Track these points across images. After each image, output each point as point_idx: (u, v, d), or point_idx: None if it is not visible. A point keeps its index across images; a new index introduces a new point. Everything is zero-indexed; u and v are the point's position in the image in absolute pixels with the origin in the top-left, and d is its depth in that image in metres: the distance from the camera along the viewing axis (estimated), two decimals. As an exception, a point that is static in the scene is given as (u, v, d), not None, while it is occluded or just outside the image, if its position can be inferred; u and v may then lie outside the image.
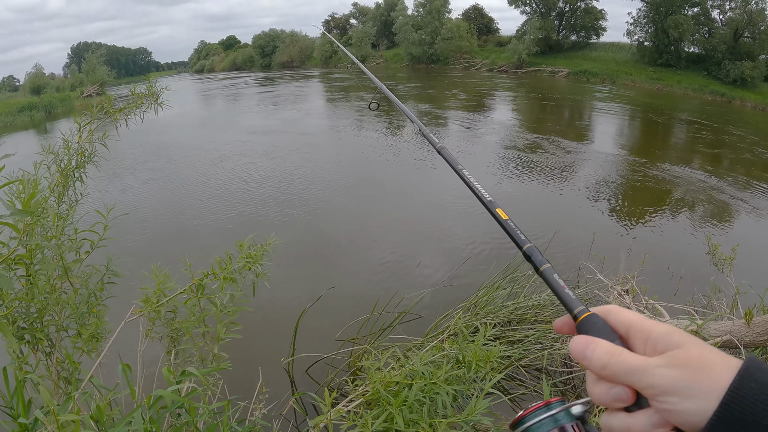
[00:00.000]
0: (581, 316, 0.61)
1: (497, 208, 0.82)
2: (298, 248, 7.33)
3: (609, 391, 0.54)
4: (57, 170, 2.50)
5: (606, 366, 0.54)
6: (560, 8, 45.23)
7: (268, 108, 26.28)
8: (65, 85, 41.57)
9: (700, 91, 31.51)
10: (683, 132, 18.82)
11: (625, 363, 0.53)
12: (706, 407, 0.47)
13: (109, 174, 12.06)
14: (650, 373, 0.51)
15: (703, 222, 8.69)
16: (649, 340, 0.55)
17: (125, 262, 2.44)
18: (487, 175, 11.30)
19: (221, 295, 2.03)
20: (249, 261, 2.08)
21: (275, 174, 11.57)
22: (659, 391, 0.50)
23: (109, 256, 2.31)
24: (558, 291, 0.65)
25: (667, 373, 0.50)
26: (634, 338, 0.57)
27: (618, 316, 0.59)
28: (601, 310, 0.61)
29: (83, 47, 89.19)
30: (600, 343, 0.56)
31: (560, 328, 0.64)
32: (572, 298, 0.63)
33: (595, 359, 0.55)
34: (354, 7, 68.67)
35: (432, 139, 1.17)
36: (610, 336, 0.58)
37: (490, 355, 2.05)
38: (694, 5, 36.00)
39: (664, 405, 0.50)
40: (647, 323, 0.56)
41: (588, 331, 0.59)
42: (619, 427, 0.54)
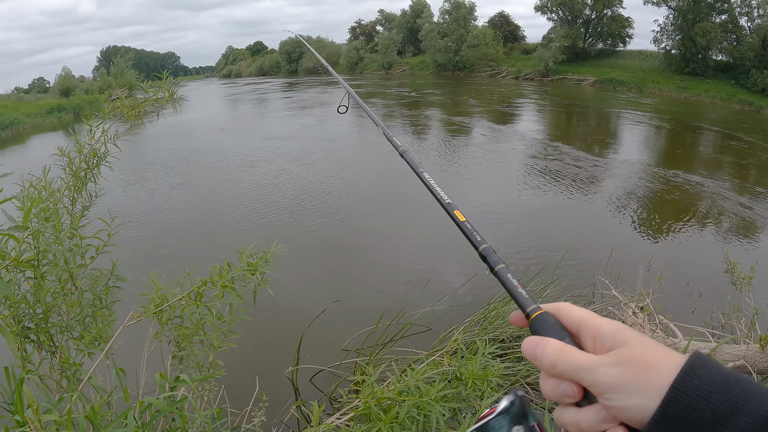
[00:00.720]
0: (533, 314, 0.63)
1: (455, 210, 0.86)
2: (315, 254, 7.38)
3: (557, 387, 0.56)
4: (69, 172, 2.52)
5: (555, 365, 0.56)
6: (587, 15, 44.78)
7: (293, 113, 26.54)
8: (94, 87, 42.46)
9: (728, 100, 30.76)
10: (710, 142, 18.41)
11: (573, 361, 0.55)
12: (649, 404, 0.49)
13: (137, 177, 12.33)
14: (595, 371, 0.53)
15: (725, 238, 8.46)
16: (597, 337, 0.56)
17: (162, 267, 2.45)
18: (508, 184, 11.22)
19: (218, 303, 2.03)
20: (250, 269, 2.07)
21: (300, 180, 11.72)
22: (604, 388, 0.52)
23: (114, 261, 2.34)
24: (511, 290, 0.67)
25: (611, 371, 0.52)
26: (584, 336, 0.58)
27: (569, 314, 0.61)
28: (552, 307, 0.63)
29: (112, 51, 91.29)
30: (549, 343, 0.58)
31: (515, 321, 0.66)
32: (525, 297, 0.65)
33: (545, 358, 0.57)
34: (380, 14, 69.00)
35: (395, 143, 1.20)
36: (560, 334, 0.59)
37: (487, 373, 2.01)
38: (722, 12, 35.26)
39: (609, 402, 0.51)
40: (596, 321, 0.58)
41: (539, 328, 0.61)
42: (569, 420, 0.56)
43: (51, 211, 2.22)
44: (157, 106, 2.71)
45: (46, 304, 2.19)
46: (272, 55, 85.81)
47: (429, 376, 2.11)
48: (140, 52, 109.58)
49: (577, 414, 0.55)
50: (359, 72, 61.15)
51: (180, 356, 2.33)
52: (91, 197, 2.62)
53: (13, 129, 26.26)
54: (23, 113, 29.03)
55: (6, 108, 29.65)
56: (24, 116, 28.53)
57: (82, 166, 2.53)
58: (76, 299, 2.29)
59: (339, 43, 74.27)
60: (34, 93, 46.76)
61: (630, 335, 0.54)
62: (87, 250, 2.38)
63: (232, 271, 2.11)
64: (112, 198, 10.38)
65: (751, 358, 3.81)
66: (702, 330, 4.62)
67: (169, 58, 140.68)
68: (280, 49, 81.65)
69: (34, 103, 33.61)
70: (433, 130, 19.35)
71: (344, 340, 4.75)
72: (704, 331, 4.60)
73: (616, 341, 0.54)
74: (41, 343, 2.28)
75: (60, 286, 2.30)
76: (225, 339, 2.13)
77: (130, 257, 6.99)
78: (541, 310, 0.62)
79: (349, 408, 2.18)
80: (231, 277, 2.09)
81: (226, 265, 2.13)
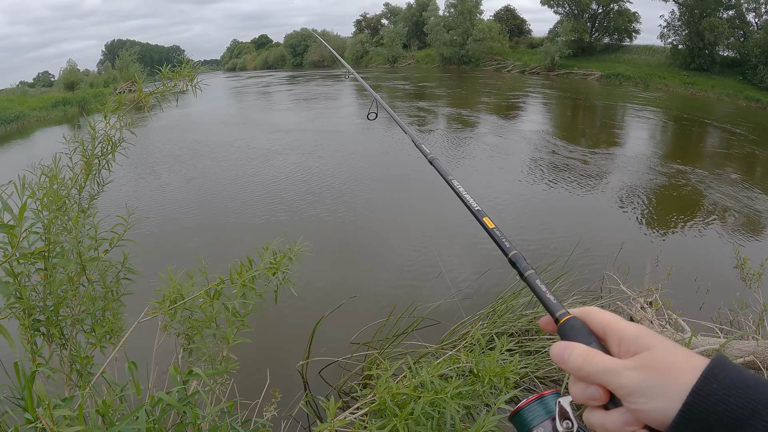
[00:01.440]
0: (562, 319, 0.65)
1: (484, 217, 0.89)
2: (327, 247, 7.37)
3: (585, 390, 0.58)
4: (82, 158, 2.47)
5: (581, 368, 0.58)
6: (593, 10, 44.46)
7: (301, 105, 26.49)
8: (99, 81, 42.48)
9: (735, 97, 30.45)
10: (717, 139, 18.28)
11: (598, 365, 0.57)
12: (670, 407, 0.50)
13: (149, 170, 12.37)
14: (619, 375, 0.54)
15: (734, 234, 8.39)
16: (622, 341, 0.58)
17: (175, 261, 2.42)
18: (516, 178, 11.17)
19: (237, 302, 2.00)
20: (273, 267, 2.05)
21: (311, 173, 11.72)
22: (628, 391, 0.53)
23: (126, 253, 2.32)
24: (540, 295, 0.69)
25: (634, 375, 0.53)
26: (610, 340, 0.60)
27: (596, 318, 0.63)
28: (580, 312, 0.65)
29: (117, 44, 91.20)
30: (576, 347, 0.60)
31: (544, 326, 0.68)
32: (553, 302, 0.67)
33: (572, 362, 0.59)
34: (385, 7, 68.60)
35: (424, 150, 1.21)
36: (587, 338, 0.61)
37: (505, 370, 1.99)
38: (729, 8, 34.87)
39: (633, 405, 0.53)
40: (620, 325, 0.60)
41: (567, 332, 0.63)
42: (596, 422, 0.58)
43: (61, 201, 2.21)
44: (176, 92, 2.65)
45: (57, 296, 2.17)
46: (277, 49, 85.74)
47: (445, 372, 2.09)
48: (145, 45, 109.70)
49: (604, 416, 0.57)
50: (364, 65, 60.92)
51: (190, 349, 2.32)
52: (98, 186, 2.58)
53: (18, 123, 26.32)
54: (28, 107, 29.10)
55: (11, 102, 29.74)
56: (29, 110, 28.60)
57: (97, 153, 2.48)
58: (87, 292, 2.27)
59: (344, 37, 74.02)
60: (38, 87, 46.95)
61: (653, 339, 0.56)
62: (101, 243, 2.35)
63: (252, 269, 2.07)
64: (125, 191, 10.44)
65: (761, 354, 3.78)
66: (711, 326, 4.59)
67: (173, 51, 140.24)
68: (285, 42, 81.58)
69: (39, 97, 33.68)
70: (438, 123, 19.28)
71: (353, 333, 4.73)
72: (713, 327, 4.57)
73: (641, 345, 0.56)
74: (51, 336, 2.27)
75: (71, 278, 2.28)
76: (238, 333, 2.11)
77: (145, 251, 6.99)
78: (569, 315, 0.65)
79: (363, 402, 2.16)
80: (251, 276, 2.06)
81: (248, 262, 2.09)
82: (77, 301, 2.29)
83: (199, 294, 2.03)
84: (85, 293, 2.24)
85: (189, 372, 1.89)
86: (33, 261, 2.09)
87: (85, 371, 2.20)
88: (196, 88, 2.56)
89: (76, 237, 2.10)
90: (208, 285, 2.04)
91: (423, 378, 1.92)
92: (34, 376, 1.72)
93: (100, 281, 2.31)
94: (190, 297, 2.03)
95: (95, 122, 2.47)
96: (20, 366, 1.89)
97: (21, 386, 1.85)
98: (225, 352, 2.05)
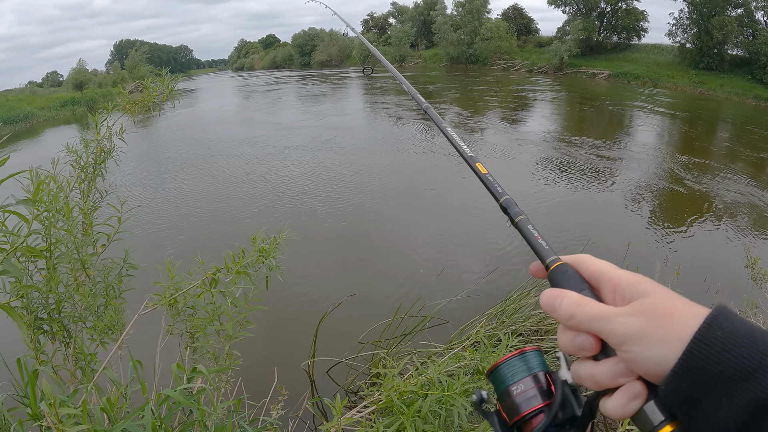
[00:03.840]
0: (552, 265, 0.62)
1: (477, 162, 0.86)
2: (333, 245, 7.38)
3: (574, 339, 0.54)
4: (77, 167, 2.53)
5: (573, 316, 0.54)
6: (601, 9, 44.27)
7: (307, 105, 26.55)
8: (107, 80, 42.73)
9: (744, 96, 30.19)
10: (726, 138, 18.13)
11: (590, 312, 0.53)
12: (669, 355, 0.46)
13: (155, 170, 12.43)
14: (613, 321, 0.51)
15: (743, 233, 8.30)
16: (617, 289, 0.55)
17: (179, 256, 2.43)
18: (524, 177, 11.12)
19: (234, 289, 2.00)
20: (262, 255, 2.04)
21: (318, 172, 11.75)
22: (622, 339, 0.50)
23: (126, 249, 2.31)
24: (531, 240, 0.66)
25: (630, 321, 0.49)
26: (604, 288, 0.57)
27: (589, 266, 0.59)
28: (572, 259, 0.61)
29: (125, 44, 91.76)
30: (568, 295, 0.56)
31: (534, 272, 0.65)
32: (545, 248, 0.64)
33: (563, 310, 0.55)
34: (393, 6, 68.63)
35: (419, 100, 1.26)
36: (579, 285, 0.58)
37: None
38: (738, 6, 34.61)
39: (628, 354, 0.49)
40: (617, 273, 0.56)
41: (558, 279, 0.60)
42: (585, 374, 0.54)
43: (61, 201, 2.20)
44: (158, 101, 2.75)
45: (59, 294, 2.17)
46: (285, 48, 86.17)
47: (450, 370, 2.06)
48: (153, 45, 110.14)
49: (593, 367, 0.53)
50: (372, 65, 60.83)
51: (194, 347, 2.30)
52: (102, 195, 2.63)
53: (27, 122, 26.54)
54: (37, 106, 29.36)
55: (20, 101, 30.02)
56: (38, 109, 28.85)
57: (90, 161, 2.54)
58: (89, 289, 2.27)
59: (352, 36, 74.12)
60: (47, 87, 47.20)
61: (651, 286, 0.52)
62: (99, 239, 2.36)
63: (246, 257, 2.09)
64: (135, 190, 10.52)
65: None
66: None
67: (181, 51, 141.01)
68: (293, 42, 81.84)
69: (48, 97, 33.94)
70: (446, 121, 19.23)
71: (360, 333, 4.71)
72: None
73: (638, 292, 0.52)
74: (54, 334, 2.26)
75: (72, 276, 2.28)
76: (241, 329, 2.09)
77: (151, 249, 7.02)
78: (560, 261, 0.61)
79: (370, 401, 2.13)
80: (245, 264, 2.07)
81: (240, 252, 2.11)
82: (79, 298, 2.28)
83: (197, 284, 2.04)
84: (85, 290, 2.24)
85: (193, 369, 1.87)
86: (34, 260, 2.09)
87: (88, 368, 2.18)
88: (174, 99, 2.69)
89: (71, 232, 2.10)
90: (205, 275, 2.05)
91: (430, 376, 1.89)
92: (37, 373, 1.70)
93: (101, 278, 2.31)
94: (189, 287, 2.03)
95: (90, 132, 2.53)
96: (23, 363, 1.88)
97: (24, 383, 1.84)
98: (227, 348, 2.03)
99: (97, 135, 2.45)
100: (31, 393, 1.66)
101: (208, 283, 2.05)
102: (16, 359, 1.88)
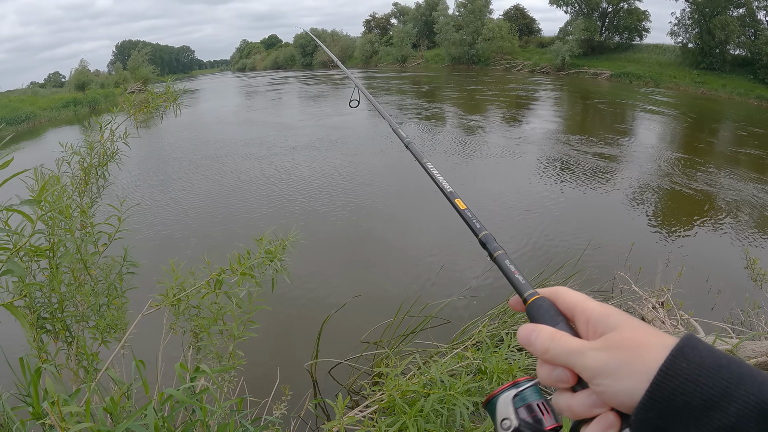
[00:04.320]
0: (530, 299, 0.64)
1: (456, 198, 0.87)
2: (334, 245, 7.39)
3: (551, 372, 0.56)
4: (80, 168, 2.55)
5: (547, 350, 0.56)
6: (603, 9, 44.20)
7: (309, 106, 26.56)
8: (109, 81, 42.73)
9: (746, 96, 30.08)
10: (728, 138, 18.10)
11: (563, 347, 0.55)
12: (637, 387, 0.48)
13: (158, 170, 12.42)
14: (584, 356, 0.53)
15: (745, 233, 8.28)
16: (589, 322, 0.57)
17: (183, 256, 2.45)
18: (526, 178, 11.10)
19: (238, 290, 2.01)
20: (268, 256, 2.05)
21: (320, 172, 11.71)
22: (593, 373, 0.51)
23: (125, 247, 2.31)
24: (509, 275, 0.68)
25: (599, 356, 0.51)
26: (578, 320, 0.59)
27: (564, 298, 0.61)
28: (548, 292, 0.64)
29: (127, 45, 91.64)
30: (542, 330, 0.58)
31: (514, 306, 0.67)
32: (522, 282, 0.66)
33: (538, 345, 0.57)
34: (394, 6, 68.54)
35: (401, 135, 1.25)
36: (554, 319, 0.60)
37: (513, 367, 1.96)
38: (739, 6, 34.51)
39: (599, 387, 0.51)
40: (588, 305, 0.58)
41: (535, 313, 0.62)
42: (563, 405, 0.56)
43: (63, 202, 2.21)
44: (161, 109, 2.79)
45: (61, 293, 2.17)
46: (286, 49, 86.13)
47: (452, 369, 2.07)
48: (155, 46, 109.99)
49: (570, 399, 0.55)
50: (374, 65, 60.95)
51: (198, 346, 2.31)
52: (99, 190, 2.65)
53: (29, 122, 26.54)
54: (39, 107, 29.34)
55: (22, 102, 30.01)
56: (40, 110, 28.83)
57: (93, 163, 2.56)
58: (91, 288, 2.27)
59: (354, 37, 74.21)
60: (49, 87, 47.21)
61: (620, 319, 0.54)
62: (99, 238, 2.36)
63: (251, 258, 2.10)
64: (143, 191, 10.55)
65: (775, 354, 3.71)
66: (723, 326, 4.52)
67: (183, 51, 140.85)
68: (295, 42, 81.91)
69: (50, 97, 33.90)
70: (447, 123, 19.22)
71: (363, 332, 4.71)
72: (726, 327, 4.50)
73: (608, 326, 0.54)
74: (57, 333, 2.27)
75: (74, 275, 2.28)
76: (245, 329, 2.10)
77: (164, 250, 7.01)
78: (537, 296, 0.63)
79: (372, 400, 2.14)
80: (250, 265, 2.08)
81: (246, 253, 2.12)
82: (81, 298, 2.29)
83: (201, 285, 2.05)
84: (86, 290, 2.24)
85: (196, 369, 1.87)
86: (36, 259, 2.10)
87: (91, 367, 2.19)
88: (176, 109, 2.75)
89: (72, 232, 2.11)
90: (210, 276, 2.06)
91: (432, 375, 1.90)
92: (40, 372, 1.71)
93: (103, 278, 2.31)
94: (192, 288, 2.04)
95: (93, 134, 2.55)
96: (26, 362, 1.88)
97: (27, 382, 1.84)
98: (231, 347, 2.03)
99: (101, 138, 2.46)
100: (33, 391, 1.67)
101: (212, 284, 2.06)
102: (19, 358, 1.88)
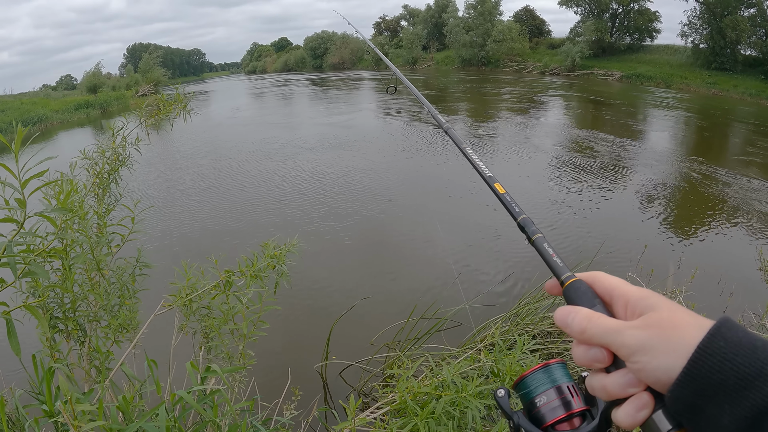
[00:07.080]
0: (567, 282, 0.64)
1: (495, 183, 0.88)
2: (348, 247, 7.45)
3: (587, 352, 0.57)
4: (93, 173, 2.58)
5: (584, 330, 0.57)
6: (613, 9, 43.97)
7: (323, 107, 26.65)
8: (121, 84, 43.06)
9: (758, 96, 29.67)
10: (740, 139, 17.91)
11: (602, 326, 0.56)
12: (675, 364, 0.48)
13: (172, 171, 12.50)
14: (623, 334, 0.53)
15: (758, 235, 8.19)
16: (628, 304, 0.58)
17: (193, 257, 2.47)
18: (539, 178, 11.07)
19: (247, 291, 2.03)
20: (273, 260, 2.07)
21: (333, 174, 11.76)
22: (631, 350, 0.52)
23: (139, 248, 2.33)
24: (547, 258, 0.69)
25: (639, 334, 0.52)
26: (616, 303, 0.60)
27: (602, 282, 0.63)
28: (587, 276, 0.64)
29: (139, 48, 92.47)
30: (580, 311, 0.59)
31: (550, 289, 0.68)
32: (560, 265, 0.67)
33: (575, 325, 0.58)
34: (404, 9, 68.58)
35: (440, 120, 1.26)
36: (591, 301, 0.61)
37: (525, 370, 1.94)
38: (751, 6, 34.12)
39: (636, 364, 0.52)
40: (627, 288, 0.59)
41: (572, 295, 0.63)
42: (597, 385, 0.57)
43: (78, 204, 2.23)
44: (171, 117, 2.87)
45: (74, 293, 2.19)
46: (297, 51, 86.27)
47: (465, 372, 2.05)
48: (166, 49, 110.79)
49: (605, 379, 0.56)
50: (384, 67, 60.94)
51: (209, 346, 2.32)
52: (117, 198, 2.69)
53: (41, 125, 26.79)
54: (51, 109, 29.63)
55: (34, 105, 30.32)
56: (52, 112, 29.11)
57: (106, 168, 2.60)
58: (103, 288, 2.29)
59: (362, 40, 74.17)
60: (61, 90, 47.59)
61: (659, 300, 0.55)
62: (113, 239, 2.38)
63: (259, 262, 2.12)
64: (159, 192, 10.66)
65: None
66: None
67: (194, 54, 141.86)
68: (305, 45, 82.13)
69: (62, 100, 34.19)
70: (459, 123, 19.19)
71: (373, 335, 4.70)
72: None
73: (647, 306, 0.55)
74: (70, 332, 2.28)
75: (87, 276, 2.30)
76: (255, 329, 2.10)
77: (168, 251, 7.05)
78: (575, 278, 0.64)
79: (383, 402, 2.13)
80: (258, 268, 2.10)
81: (254, 257, 2.16)
82: (94, 298, 2.31)
83: (212, 286, 2.07)
84: (99, 290, 2.26)
85: (207, 369, 1.88)
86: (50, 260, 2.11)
87: (103, 366, 2.20)
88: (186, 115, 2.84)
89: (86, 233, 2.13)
90: (220, 277, 2.08)
91: (444, 377, 1.88)
92: (52, 370, 1.71)
93: (116, 278, 2.33)
94: (203, 289, 2.06)
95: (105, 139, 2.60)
96: (38, 360, 1.89)
97: (39, 380, 1.85)
98: (242, 347, 2.04)
99: (113, 144, 2.49)
100: (46, 390, 1.67)
101: (222, 286, 2.08)
102: (32, 355, 1.89)
